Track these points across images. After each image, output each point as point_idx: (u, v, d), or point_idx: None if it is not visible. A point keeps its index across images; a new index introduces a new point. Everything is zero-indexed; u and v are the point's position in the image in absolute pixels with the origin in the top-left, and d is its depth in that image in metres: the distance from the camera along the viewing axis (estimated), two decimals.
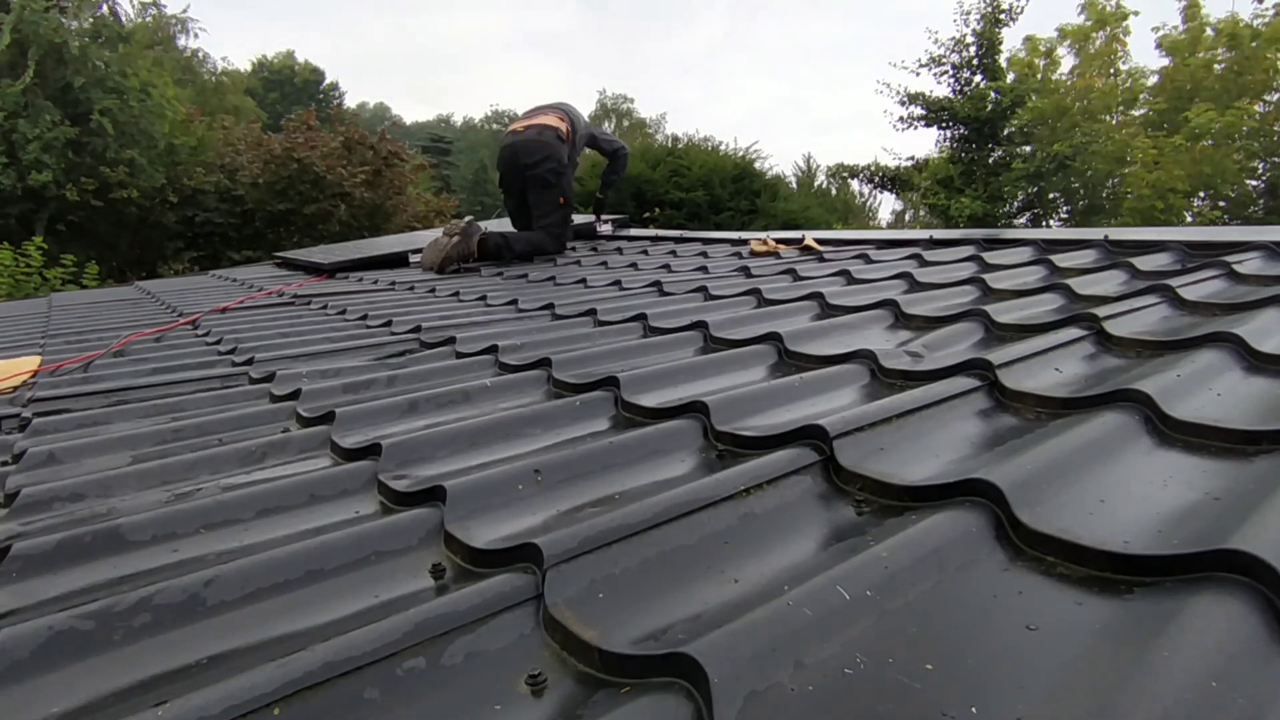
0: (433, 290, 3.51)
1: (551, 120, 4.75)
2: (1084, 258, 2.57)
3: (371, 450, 1.19)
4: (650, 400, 1.34)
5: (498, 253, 4.50)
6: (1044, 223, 15.24)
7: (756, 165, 19.63)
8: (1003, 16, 14.80)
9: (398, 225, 13.59)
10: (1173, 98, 13.98)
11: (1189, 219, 13.24)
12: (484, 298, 3.07)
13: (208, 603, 0.78)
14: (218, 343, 2.50)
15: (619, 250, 4.82)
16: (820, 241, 3.88)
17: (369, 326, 2.62)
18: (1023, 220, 15.55)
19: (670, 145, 20.49)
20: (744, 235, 4.64)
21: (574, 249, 5.00)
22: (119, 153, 12.55)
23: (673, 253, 4.37)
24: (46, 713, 0.64)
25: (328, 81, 41.41)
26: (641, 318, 2.12)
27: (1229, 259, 2.13)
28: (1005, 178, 14.61)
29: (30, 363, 2.28)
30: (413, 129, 43.00)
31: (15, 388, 2.05)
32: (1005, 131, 15.05)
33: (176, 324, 3.06)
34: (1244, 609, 0.61)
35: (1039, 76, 15.26)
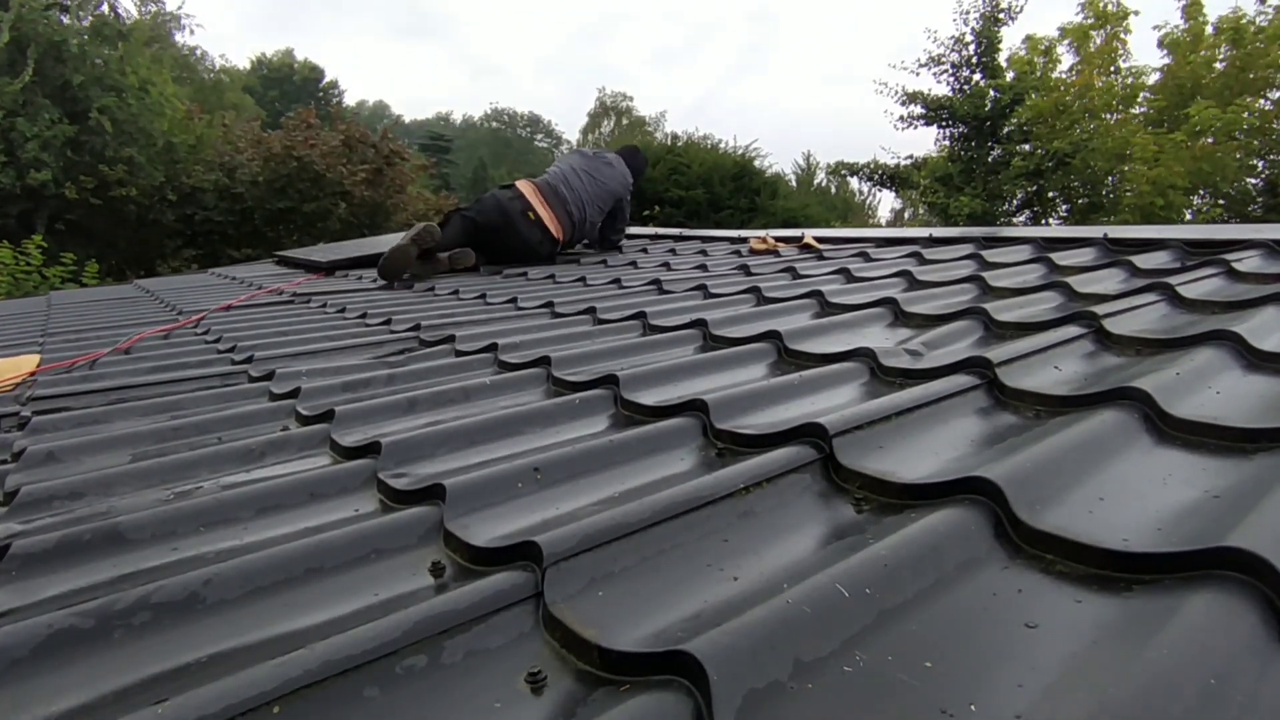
0: (432, 289, 3.51)
1: (556, 222, 4.35)
2: (1083, 256, 2.57)
3: (371, 448, 1.19)
4: (650, 398, 1.34)
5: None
6: (1043, 221, 15.23)
7: (756, 163, 19.63)
8: (1001, 15, 14.81)
9: (398, 224, 13.59)
10: (1173, 95, 13.96)
11: (1189, 216, 13.23)
12: (483, 296, 3.07)
13: (207, 601, 0.78)
14: (217, 341, 2.50)
15: (618, 248, 4.82)
16: (819, 239, 3.88)
17: (368, 325, 2.62)
18: (1022, 218, 15.55)
19: (670, 143, 20.46)
20: (743, 233, 4.64)
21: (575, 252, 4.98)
22: (118, 151, 12.55)
23: (672, 251, 4.37)
24: (47, 711, 0.64)
25: (327, 79, 41.40)
26: (641, 316, 2.12)
27: (1228, 257, 2.13)
28: (1004, 176, 14.60)
29: (29, 361, 2.28)
30: (412, 127, 43.00)
31: (15, 386, 2.05)
32: (1005, 130, 15.05)
33: (180, 324, 3.05)
34: (1243, 607, 0.61)
35: (1038, 74, 15.24)
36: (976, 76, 15.21)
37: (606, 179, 4.57)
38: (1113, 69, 15.07)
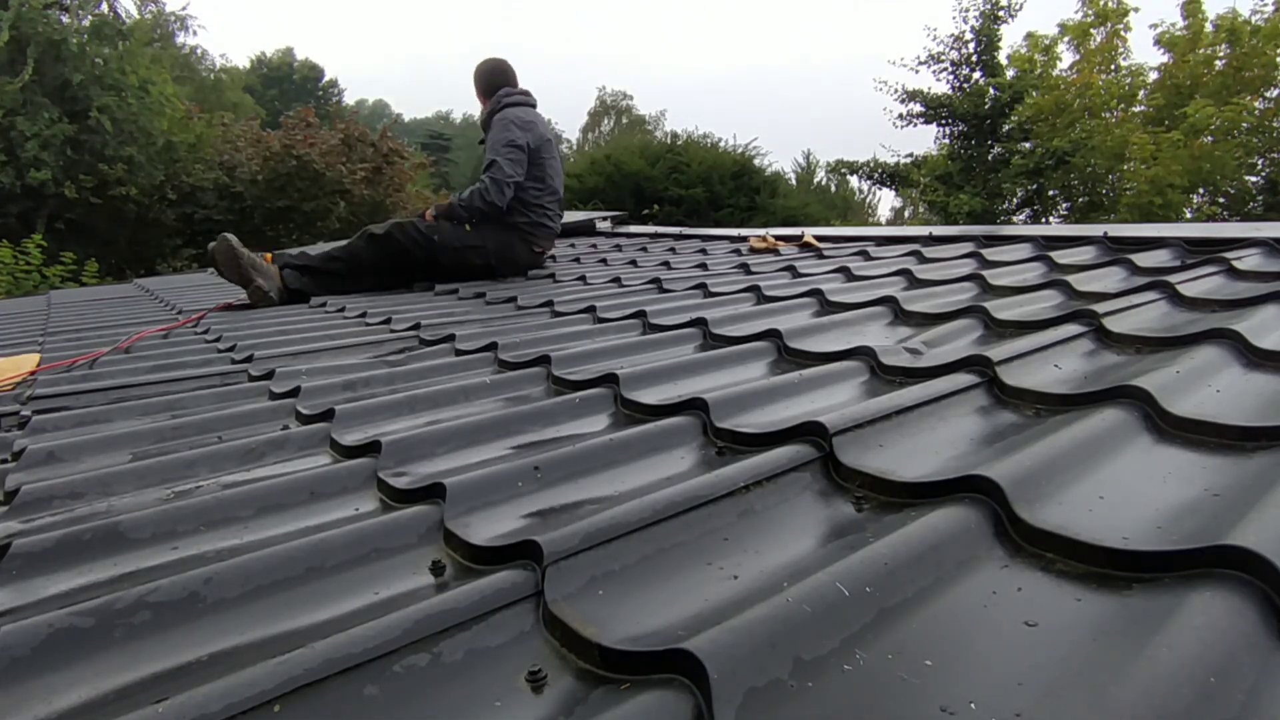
0: (431, 288, 3.51)
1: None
2: (1083, 254, 2.57)
3: (371, 448, 1.19)
4: (650, 397, 1.34)
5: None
6: (1043, 219, 15.23)
7: (755, 162, 19.62)
8: (1001, 13, 14.80)
9: None
10: (1171, 94, 13.96)
11: (1188, 215, 13.23)
12: (483, 295, 3.07)
13: (208, 600, 0.78)
14: (217, 340, 2.50)
15: (618, 247, 4.82)
16: (819, 238, 3.88)
17: (368, 324, 2.62)
18: (1022, 217, 15.55)
19: (670, 142, 20.47)
20: (743, 232, 4.64)
21: (573, 245, 4.98)
22: (117, 150, 12.55)
23: (672, 250, 4.37)
24: (48, 710, 0.64)
25: (326, 78, 41.41)
26: (641, 315, 2.12)
27: (1228, 255, 2.13)
28: (1004, 174, 14.60)
29: (29, 360, 2.28)
30: (411, 125, 42.92)
31: (15, 385, 2.05)
32: (1004, 128, 15.05)
33: (180, 323, 3.05)
34: (1242, 604, 0.61)
35: (1038, 73, 15.24)
36: (976, 74, 15.20)
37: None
38: (1113, 67, 15.07)
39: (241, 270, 3.41)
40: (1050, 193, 15.23)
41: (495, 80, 4.00)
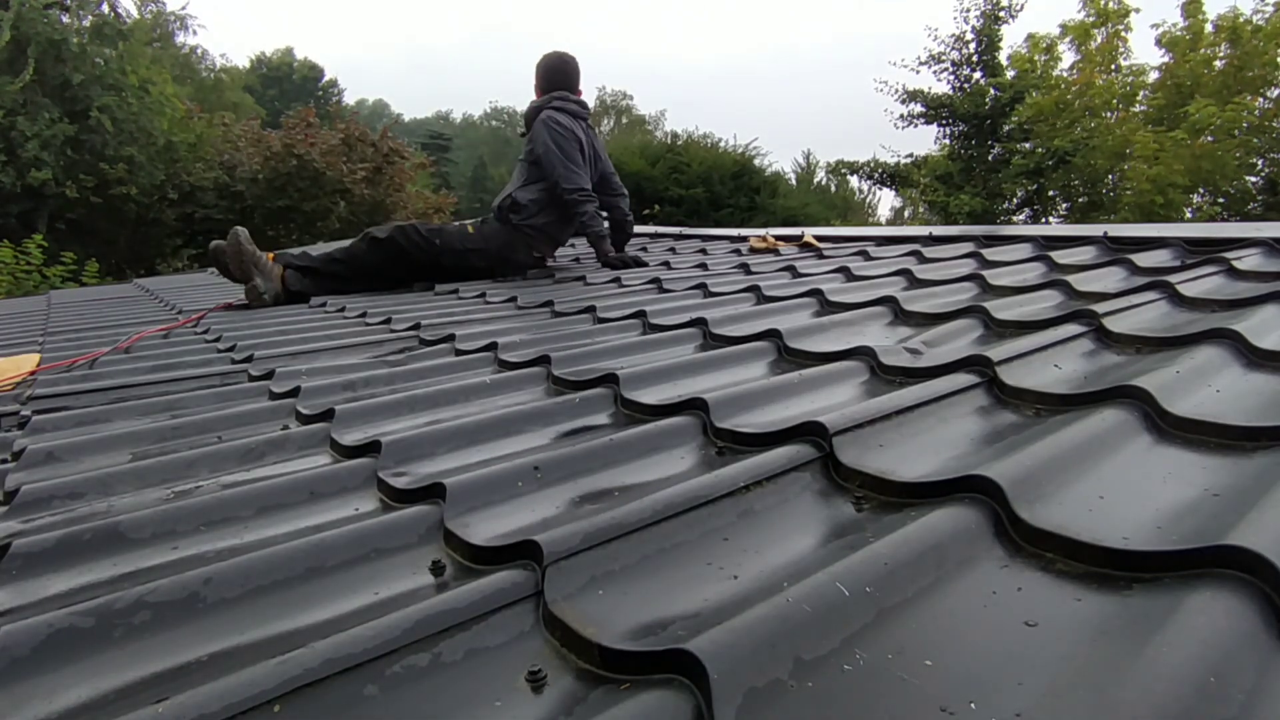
0: (431, 288, 3.51)
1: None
2: (1083, 254, 2.57)
3: (371, 447, 1.19)
4: (650, 397, 1.34)
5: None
6: (1043, 219, 15.24)
7: (756, 162, 19.64)
8: (1002, 14, 14.81)
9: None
10: (1172, 94, 13.97)
11: (1188, 215, 13.24)
12: (483, 295, 3.07)
13: (208, 600, 0.78)
14: (216, 340, 2.50)
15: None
16: (819, 238, 3.88)
17: (368, 324, 2.62)
18: (1022, 217, 15.56)
19: (670, 142, 20.50)
20: (743, 232, 4.64)
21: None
22: (118, 150, 12.55)
23: (672, 250, 4.38)
24: (47, 710, 0.64)
25: (326, 78, 41.41)
26: (641, 315, 2.12)
27: (1228, 255, 2.13)
28: (1004, 174, 14.61)
29: (29, 360, 2.28)
30: (411, 125, 42.91)
31: (15, 385, 2.05)
32: (1005, 128, 15.06)
33: (180, 323, 3.05)
34: (1242, 605, 0.61)
35: (1039, 73, 15.25)
36: (977, 75, 15.21)
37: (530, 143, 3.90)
38: (1113, 67, 15.08)
39: (244, 266, 3.41)
40: (1050, 193, 15.24)
41: (553, 79, 4.00)
